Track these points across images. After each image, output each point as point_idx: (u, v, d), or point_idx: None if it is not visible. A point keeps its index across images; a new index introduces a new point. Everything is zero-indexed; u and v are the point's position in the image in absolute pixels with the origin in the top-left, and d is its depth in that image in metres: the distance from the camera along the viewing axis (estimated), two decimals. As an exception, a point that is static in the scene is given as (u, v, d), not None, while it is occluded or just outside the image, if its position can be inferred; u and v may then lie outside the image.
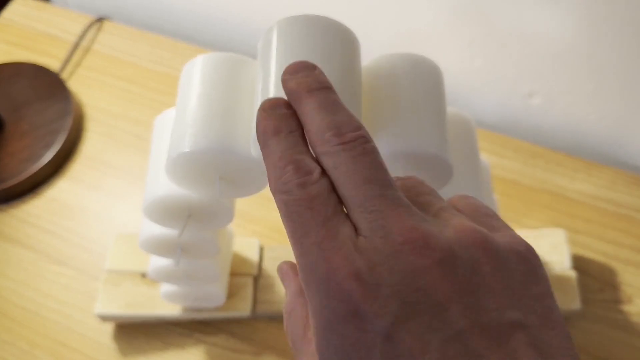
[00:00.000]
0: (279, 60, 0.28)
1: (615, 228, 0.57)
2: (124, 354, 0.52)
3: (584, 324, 0.52)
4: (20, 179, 0.61)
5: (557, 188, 0.59)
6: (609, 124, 0.62)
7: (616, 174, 0.60)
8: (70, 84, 0.70)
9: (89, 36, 0.74)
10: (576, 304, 0.50)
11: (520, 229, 0.57)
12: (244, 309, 0.52)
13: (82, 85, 0.70)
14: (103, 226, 0.60)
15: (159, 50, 0.72)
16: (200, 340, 0.53)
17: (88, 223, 0.60)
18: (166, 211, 0.38)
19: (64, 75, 0.71)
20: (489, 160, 0.61)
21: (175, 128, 0.32)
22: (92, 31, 0.74)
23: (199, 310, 0.52)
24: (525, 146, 0.62)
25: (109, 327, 0.54)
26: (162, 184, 0.36)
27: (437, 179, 0.32)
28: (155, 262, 0.46)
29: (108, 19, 0.76)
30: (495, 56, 0.61)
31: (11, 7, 0.77)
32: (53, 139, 0.64)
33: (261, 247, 0.56)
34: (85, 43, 0.73)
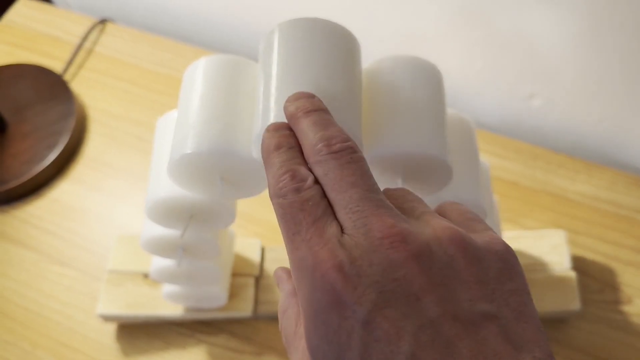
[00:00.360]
0: (280, 63, 0.28)
1: (616, 229, 0.57)
2: (125, 354, 0.53)
3: (584, 324, 0.52)
4: (22, 180, 0.61)
5: (557, 189, 0.60)
6: (610, 125, 0.62)
7: (616, 175, 0.60)
8: (73, 85, 0.70)
9: (92, 38, 0.74)
10: (576, 305, 0.50)
11: (521, 230, 0.57)
12: (245, 309, 0.52)
13: (84, 86, 0.70)
14: (105, 227, 0.60)
15: (161, 51, 0.73)
16: (202, 341, 0.53)
17: (90, 224, 0.60)
18: (168, 212, 0.38)
19: (67, 77, 0.71)
20: (490, 162, 0.62)
21: (178, 130, 0.32)
22: (95, 33, 0.75)
23: (201, 310, 0.52)
24: (526, 147, 0.63)
25: (111, 327, 0.54)
26: (164, 185, 0.37)
27: (437, 181, 0.32)
28: (157, 262, 0.46)
29: (110, 21, 0.76)
30: (496, 58, 0.61)
31: (14, 8, 0.78)
32: (55, 140, 0.64)
33: (262, 248, 0.56)
34: (87, 45, 0.74)
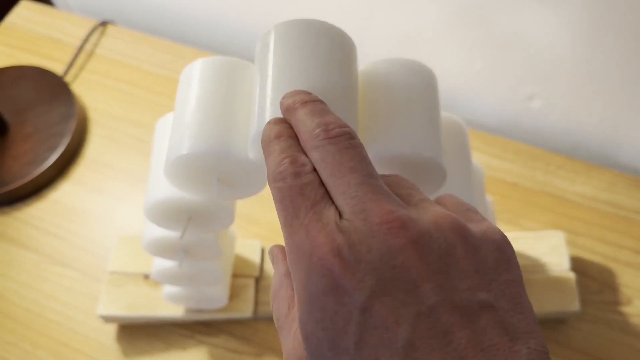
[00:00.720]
0: (275, 64, 0.28)
1: (615, 230, 0.57)
2: (126, 354, 0.53)
3: (583, 325, 0.52)
4: (23, 181, 0.62)
5: (557, 190, 0.60)
6: (609, 126, 0.62)
7: (616, 176, 0.60)
8: (74, 87, 0.70)
9: (92, 40, 0.75)
10: (575, 306, 0.50)
11: (520, 230, 0.57)
12: (245, 310, 0.53)
13: (85, 88, 0.71)
14: (106, 228, 0.60)
15: (162, 53, 0.73)
16: (202, 342, 0.53)
17: (91, 225, 0.61)
18: (167, 214, 0.38)
19: (68, 79, 0.71)
20: (490, 163, 0.62)
21: (174, 131, 0.32)
22: (96, 35, 0.75)
23: (201, 311, 0.53)
24: (525, 149, 0.63)
25: (112, 328, 0.54)
26: (163, 186, 0.37)
27: (431, 183, 0.32)
28: (159, 264, 0.46)
29: (111, 23, 0.76)
30: (496, 59, 0.61)
31: (15, 11, 0.78)
32: (56, 141, 0.64)
33: (262, 249, 0.56)
34: (88, 47, 0.74)
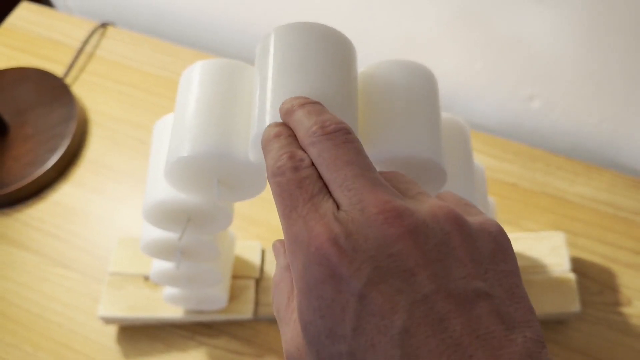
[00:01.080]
0: (275, 67, 0.28)
1: (615, 231, 0.57)
2: (126, 356, 0.53)
3: (584, 326, 0.52)
4: (24, 183, 0.62)
5: (556, 191, 0.60)
6: (609, 127, 0.62)
7: (616, 177, 0.60)
8: (74, 88, 0.71)
9: (93, 41, 0.75)
10: (576, 306, 0.50)
11: (520, 231, 0.57)
12: (245, 311, 0.53)
13: (85, 89, 0.71)
14: (106, 229, 0.60)
15: (162, 55, 0.73)
16: (202, 343, 0.53)
17: (91, 226, 0.61)
18: (165, 215, 0.38)
19: (68, 80, 0.71)
20: (489, 164, 0.62)
21: (174, 133, 0.32)
22: (96, 36, 0.75)
23: (201, 312, 0.53)
24: (525, 149, 0.63)
25: (112, 329, 0.54)
26: (162, 188, 0.37)
27: (431, 184, 0.32)
28: (157, 265, 0.46)
29: (111, 25, 0.76)
30: (496, 60, 0.61)
31: (15, 12, 0.78)
32: (57, 143, 0.64)
33: (263, 250, 0.56)
34: (88, 48, 0.74)
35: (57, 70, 0.72)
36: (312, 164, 0.24)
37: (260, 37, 0.31)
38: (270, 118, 0.27)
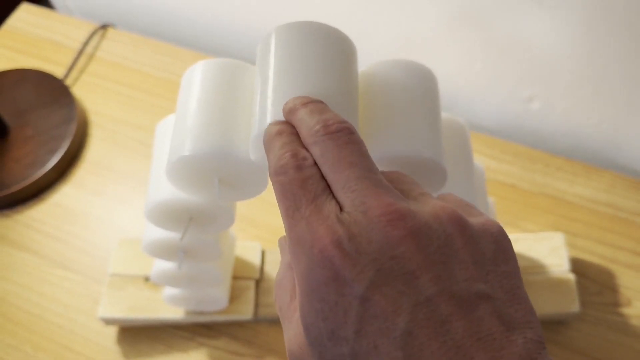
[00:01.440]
0: (276, 66, 0.29)
1: (614, 231, 0.57)
2: (127, 357, 0.53)
3: (583, 326, 0.52)
4: (24, 184, 0.62)
5: (556, 192, 0.60)
6: (608, 128, 0.62)
7: (615, 177, 0.60)
8: (74, 90, 0.71)
9: (93, 43, 0.75)
10: (575, 307, 0.50)
11: (520, 232, 0.57)
12: (246, 312, 0.53)
13: (86, 91, 0.71)
14: (106, 231, 0.60)
15: (161, 56, 0.73)
16: (203, 344, 0.53)
17: (91, 228, 0.61)
18: (168, 215, 0.38)
19: (68, 82, 0.72)
20: (489, 165, 0.62)
21: (176, 133, 0.32)
22: (96, 38, 0.75)
23: (202, 313, 0.53)
24: (524, 150, 0.63)
25: (113, 330, 0.54)
26: (164, 188, 0.37)
27: (432, 183, 0.32)
28: (159, 265, 0.46)
29: (111, 26, 0.77)
30: (495, 61, 0.61)
31: (16, 14, 0.78)
32: (57, 144, 0.64)
33: (263, 251, 0.56)
34: (88, 50, 0.74)
35: (58, 71, 0.72)
36: (315, 163, 0.23)
37: (260, 38, 0.31)
38: (272, 117, 0.27)
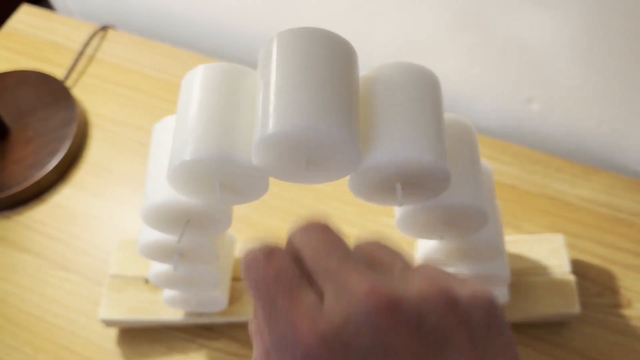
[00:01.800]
0: (278, 71, 0.29)
1: (615, 232, 0.57)
2: (127, 358, 0.53)
3: (584, 327, 0.52)
4: (25, 185, 0.62)
5: (556, 193, 0.60)
6: (608, 129, 0.62)
7: (615, 179, 0.60)
8: (75, 91, 0.71)
9: (93, 44, 0.75)
10: (575, 308, 0.50)
11: (520, 233, 0.57)
12: (246, 313, 0.53)
13: (86, 92, 0.71)
14: (107, 232, 0.61)
15: (162, 58, 0.73)
16: (203, 345, 0.53)
17: (92, 229, 0.61)
18: (164, 217, 0.38)
19: (69, 83, 0.72)
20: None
21: (177, 137, 0.33)
22: (96, 40, 0.75)
23: (202, 315, 0.53)
24: (524, 152, 0.63)
25: (113, 332, 0.54)
26: (161, 190, 0.37)
27: (436, 186, 0.32)
28: (156, 267, 0.46)
29: (112, 28, 0.77)
30: (495, 62, 0.61)
31: (16, 15, 0.78)
32: (58, 146, 0.64)
33: (263, 253, 0.56)
34: (89, 51, 0.74)
35: (58, 73, 0.72)
36: (287, 252, 0.23)
37: (260, 40, 0.31)
38: (274, 122, 0.27)
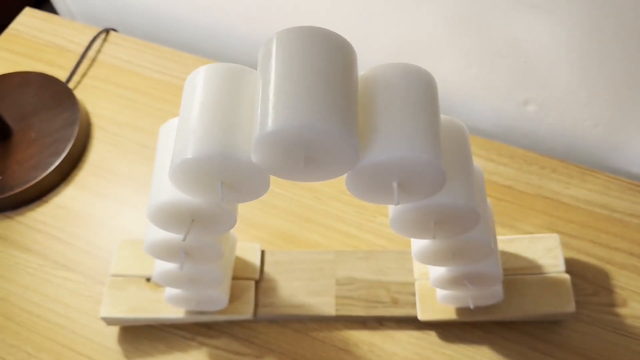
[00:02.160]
0: (277, 70, 0.29)
1: (609, 232, 0.58)
2: (128, 356, 0.53)
3: (579, 326, 0.52)
4: (27, 186, 0.62)
5: (551, 193, 0.60)
6: (603, 130, 0.63)
7: (610, 179, 0.61)
8: (77, 93, 0.71)
9: (95, 47, 0.76)
10: (571, 307, 0.51)
11: (516, 233, 0.58)
12: (246, 312, 0.53)
13: (88, 94, 0.72)
14: (108, 232, 0.61)
15: (163, 60, 0.74)
16: (203, 344, 0.54)
17: (94, 229, 0.61)
18: (170, 216, 0.39)
19: (71, 85, 0.72)
20: (485, 167, 0.63)
21: (179, 136, 0.33)
22: (99, 42, 0.76)
23: (202, 313, 0.53)
24: (520, 153, 0.64)
25: (114, 330, 0.55)
26: (166, 190, 0.37)
27: (431, 185, 0.33)
28: (160, 266, 0.47)
29: (114, 30, 0.77)
30: (491, 65, 0.62)
31: (19, 18, 0.79)
32: (60, 147, 0.65)
33: (262, 252, 0.57)
34: (91, 53, 0.75)
35: (61, 75, 0.73)
36: None
37: (260, 42, 0.32)
38: (272, 120, 0.28)
